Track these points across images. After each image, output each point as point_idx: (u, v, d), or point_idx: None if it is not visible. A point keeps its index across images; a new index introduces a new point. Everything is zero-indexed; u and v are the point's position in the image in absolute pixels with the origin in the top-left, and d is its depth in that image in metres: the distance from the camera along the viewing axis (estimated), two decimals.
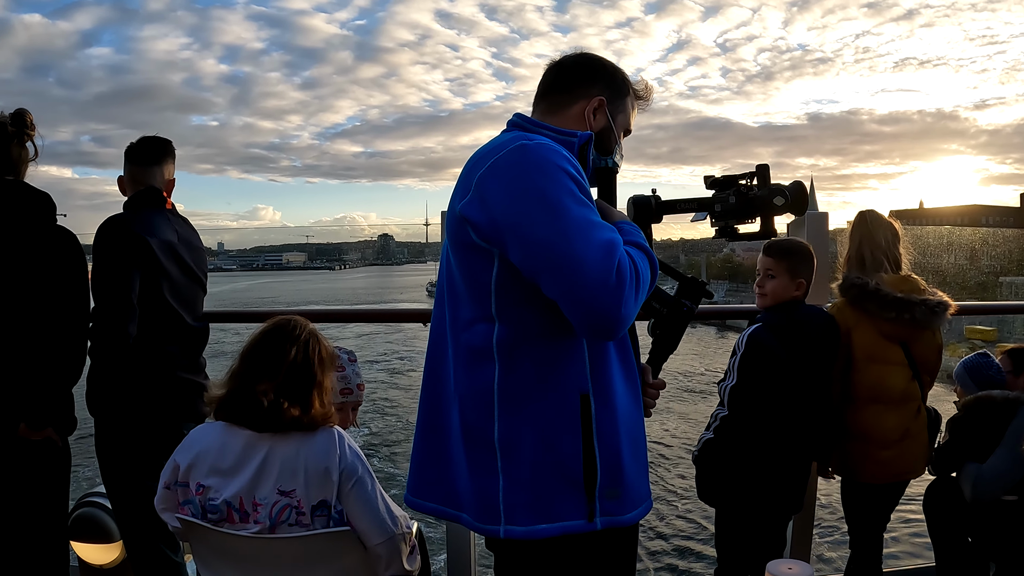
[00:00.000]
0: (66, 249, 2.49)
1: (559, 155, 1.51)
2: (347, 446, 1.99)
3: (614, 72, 1.79)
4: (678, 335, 1.86)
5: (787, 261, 2.66)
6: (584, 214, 1.44)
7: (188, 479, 1.97)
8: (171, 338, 2.65)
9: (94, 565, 3.01)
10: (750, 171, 1.85)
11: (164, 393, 2.60)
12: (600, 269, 1.38)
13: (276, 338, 2.04)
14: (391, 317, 4.33)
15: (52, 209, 2.51)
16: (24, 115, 2.52)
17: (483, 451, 1.58)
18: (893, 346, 2.74)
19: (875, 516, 2.84)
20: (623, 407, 1.62)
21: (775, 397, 2.57)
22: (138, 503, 2.59)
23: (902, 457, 2.73)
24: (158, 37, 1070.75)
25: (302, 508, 1.90)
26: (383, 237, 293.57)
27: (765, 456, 2.59)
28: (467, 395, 1.61)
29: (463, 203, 1.55)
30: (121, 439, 2.59)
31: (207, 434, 2.01)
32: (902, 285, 2.71)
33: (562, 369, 1.56)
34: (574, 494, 1.55)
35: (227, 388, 2.02)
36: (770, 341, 2.58)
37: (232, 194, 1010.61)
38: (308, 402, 1.97)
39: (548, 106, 1.77)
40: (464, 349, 1.62)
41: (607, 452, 1.57)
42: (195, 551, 2.02)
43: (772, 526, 2.73)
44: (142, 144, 2.80)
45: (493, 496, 1.57)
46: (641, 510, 1.66)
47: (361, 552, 1.95)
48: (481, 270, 1.56)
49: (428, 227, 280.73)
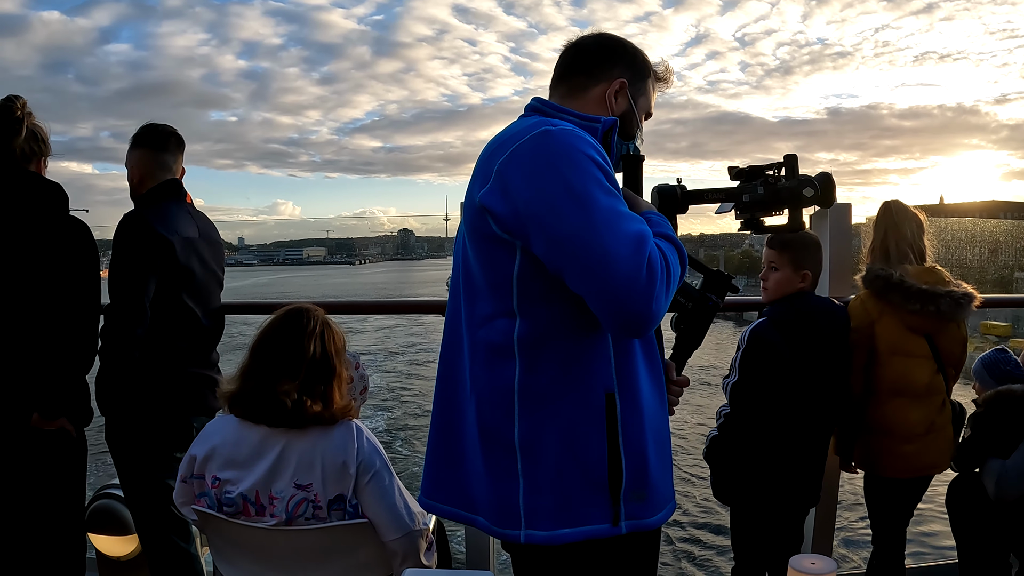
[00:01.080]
0: (77, 239, 2.48)
1: (584, 141, 1.44)
2: (365, 439, 1.98)
3: (635, 53, 1.72)
4: (703, 330, 1.79)
5: (789, 252, 2.62)
6: (612, 204, 1.37)
7: (204, 472, 1.97)
8: (183, 334, 2.65)
9: (111, 557, 3.03)
10: (777, 162, 1.77)
11: (173, 388, 2.60)
12: (630, 264, 1.32)
13: (291, 332, 2.02)
14: (410, 308, 4.28)
15: (64, 200, 2.50)
16: (12, 104, 2.47)
17: (502, 453, 1.52)
18: (917, 339, 2.70)
19: (898, 511, 2.81)
20: (649, 406, 1.55)
21: (778, 393, 2.54)
22: (150, 497, 2.61)
23: (926, 451, 2.69)
24: (176, 33, 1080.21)
25: (319, 502, 1.89)
26: (403, 232, 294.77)
27: (771, 452, 2.55)
28: (485, 395, 1.54)
29: (483, 192, 1.47)
30: (131, 434, 2.60)
31: (222, 427, 2.01)
32: (926, 277, 2.67)
33: (586, 367, 1.50)
34: (598, 497, 1.49)
35: (239, 384, 2.00)
36: (773, 336, 2.54)
37: (251, 189, 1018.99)
38: (329, 397, 1.97)
39: (568, 89, 1.70)
40: (482, 346, 1.54)
41: (633, 453, 1.51)
42: (212, 543, 2.03)
43: (786, 522, 2.70)
44: (154, 129, 2.75)
45: (512, 499, 1.50)
46: (666, 512, 1.60)
47: (378, 545, 1.95)
48: (502, 263, 1.49)
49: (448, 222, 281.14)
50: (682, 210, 1.79)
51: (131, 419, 2.58)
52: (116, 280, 2.50)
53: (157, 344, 2.56)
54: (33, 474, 2.41)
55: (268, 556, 1.94)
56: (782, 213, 1.77)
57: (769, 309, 2.65)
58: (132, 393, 2.55)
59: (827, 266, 2.90)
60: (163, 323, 2.57)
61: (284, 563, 1.94)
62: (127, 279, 2.49)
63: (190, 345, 2.67)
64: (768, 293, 2.68)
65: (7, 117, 2.45)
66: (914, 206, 2.88)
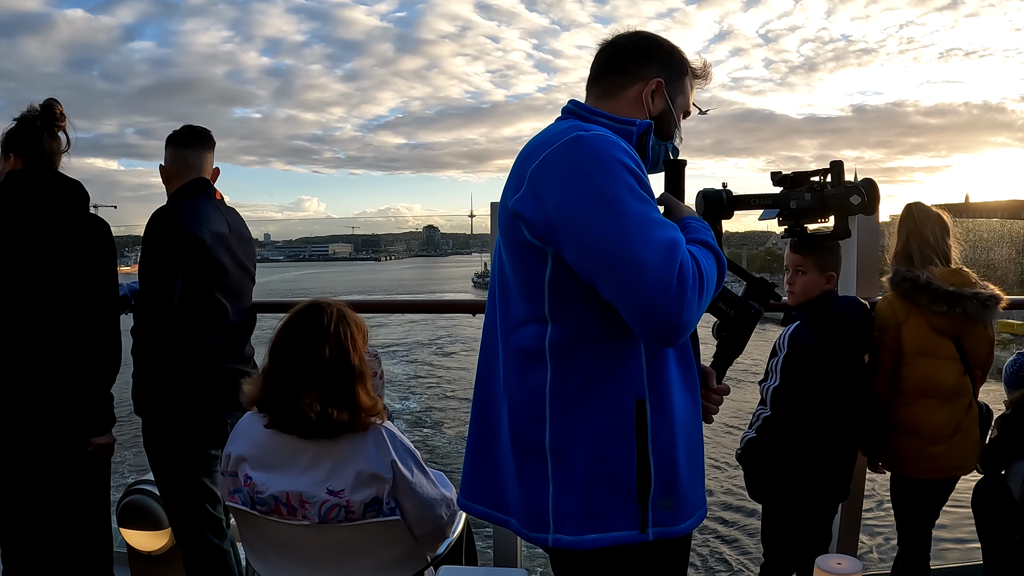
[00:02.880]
0: (98, 237, 2.51)
1: (617, 147, 1.43)
2: (398, 443, 1.97)
3: (671, 51, 1.68)
4: (745, 338, 1.77)
5: (815, 255, 2.64)
6: (644, 211, 1.36)
7: (236, 470, 1.98)
8: (216, 329, 2.67)
9: (143, 551, 3.05)
10: (823, 168, 1.74)
11: (207, 384, 2.62)
12: (661, 271, 1.30)
13: (306, 335, 1.96)
14: (440, 308, 4.29)
15: (84, 198, 2.53)
16: (53, 106, 2.51)
17: (533, 456, 1.53)
18: (944, 340, 2.69)
19: (924, 512, 2.80)
20: (681, 414, 1.54)
21: (818, 396, 2.56)
22: (184, 493, 2.64)
23: (953, 453, 2.68)
24: (200, 31, 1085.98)
25: (351, 507, 1.88)
26: (428, 228, 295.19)
27: (809, 453, 2.57)
28: (517, 399, 1.55)
29: (516, 198, 1.48)
30: (166, 431, 2.62)
31: (253, 427, 1.99)
32: (953, 278, 2.66)
33: (618, 374, 1.49)
34: (626, 503, 1.49)
35: (262, 389, 1.98)
36: (812, 341, 2.57)
37: (276, 186, 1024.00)
38: (355, 401, 1.93)
39: (603, 89, 1.67)
40: (514, 351, 1.55)
41: (662, 461, 1.50)
42: (245, 539, 2.03)
43: (818, 521, 2.72)
44: (188, 129, 2.80)
45: (542, 503, 1.51)
46: (695, 519, 1.58)
47: (409, 541, 1.94)
48: (534, 269, 1.49)
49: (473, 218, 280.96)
50: (728, 215, 1.79)
51: (166, 416, 2.61)
52: (144, 276, 2.53)
53: (190, 340, 2.58)
54: (59, 475, 2.42)
55: (301, 552, 1.94)
56: (827, 220, 1.75)
57: (800, 312, 2.67)
58: (166, 390, 2.57)
59: (855, 267, 2.90)
60: (195, 319, 2.59)
61: (316, 559, 1.94)
62: (155, 276, 2.51)
63: (223, 340, 2.69)
64: (795, 296, 2.70)
65: (48, 119, 2.49)
66: (939, 205, 2.86)
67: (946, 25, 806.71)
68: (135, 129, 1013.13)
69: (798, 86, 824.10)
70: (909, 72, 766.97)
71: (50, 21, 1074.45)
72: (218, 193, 2.80)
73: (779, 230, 1.81)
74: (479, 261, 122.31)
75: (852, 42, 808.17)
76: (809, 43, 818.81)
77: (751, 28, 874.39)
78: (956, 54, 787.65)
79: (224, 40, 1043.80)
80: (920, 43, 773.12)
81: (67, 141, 2.56)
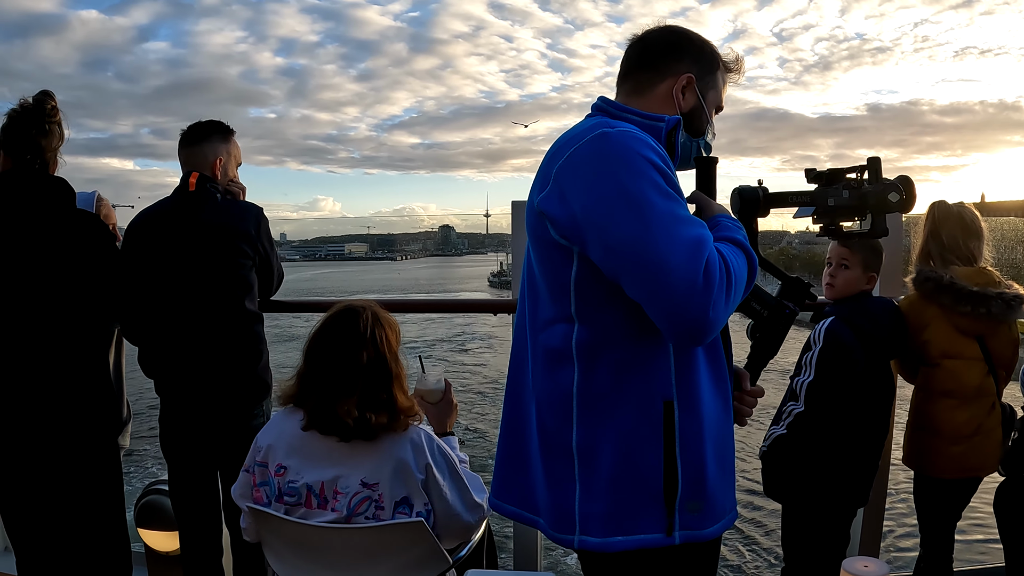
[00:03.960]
0: (84, 233, 2.39)
1: (643, 143, 1.41)
2: (434, 446, 1.97)
3: (702, 45, 1.66)
4: (779, 339, 1.74)
5: (863, 253, 2.62)
6: (670, 208, 1.34)
7: (268, 460, 1.97)
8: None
9: (160, 551, 3.07)
10: (860, 165, 1.72)
11: (234, 385, 2.60)
12: (687, 269, 1.28)
13: (342, 341, 1.96)
14: (466, 307, 4.29)
15: (69, 194, 2.41)
16: (43, 101, 2.38)
17: (560, 457, 1.52)
18: (968, 340, 2.68)
19: (945, 512, 2.79)
20: (710, 415, 1.51)
21: (852, 392, 2.54)
22: (189, 489, 2.67)
23: (973, 453, 2.67)
24: (214, 31, 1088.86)
25: (382, 502, 1.88)
26: (444, 228, 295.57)
27: (841, 451, 2.56)
28: (545, 398, 1.54)
29: (541, 196, 1.47)
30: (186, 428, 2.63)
31: (289, 422, 1.99)
32: (977, 278, 2.65)
33: (645, 374, 1.47)
34: (653, 507, 1.47)
35: (297, 388, 1.98)
36: (847, 336, 2.54)
37: (291, 185, 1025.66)
38: (393, 403, 1.93)
39: (633, 86, 1.65)
40: (542, 350, 1.55)
41: (690, 464, 1.47)
42: (264, 541, 2.01)
43: (840, 522, 2.70)
44: (189, 127, 2.77)
45: (569, 504, 1.51)
46: (724, 523, 1.55)
47: (431, 543, 1.91)
48: (560, 268, 1.48)
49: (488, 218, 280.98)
50: (763, 213, 1.75)
51: (187, 414, 2.63)
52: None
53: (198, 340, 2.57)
54: (71, 478, 2.37)
55: (319, 554, 1.92)
56: (864, 218, 1.72)
57: (834, 308, 2.65)
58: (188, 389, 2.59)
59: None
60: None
61: (336, 560, 1.92)
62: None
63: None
64: (834, 291, 2.68)
65: (39, 113, 2.37)
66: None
67: (961, 23, 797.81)
68: (150, 129, 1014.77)
69: (813, 85, 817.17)
70: (924, 71, 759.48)
71: (64, 22, 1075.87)
72: (192, 184, 2.64)
73: (814, 228, 1.78)
74: (495, 260, 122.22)
75: (866, 41, 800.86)
76: (823, 42, 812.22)
77: (765, 27, 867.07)
78: (971, 52, 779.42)
79: (238, 40, 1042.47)
80: (935, 41, 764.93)
81: (60, 135, 2.43)
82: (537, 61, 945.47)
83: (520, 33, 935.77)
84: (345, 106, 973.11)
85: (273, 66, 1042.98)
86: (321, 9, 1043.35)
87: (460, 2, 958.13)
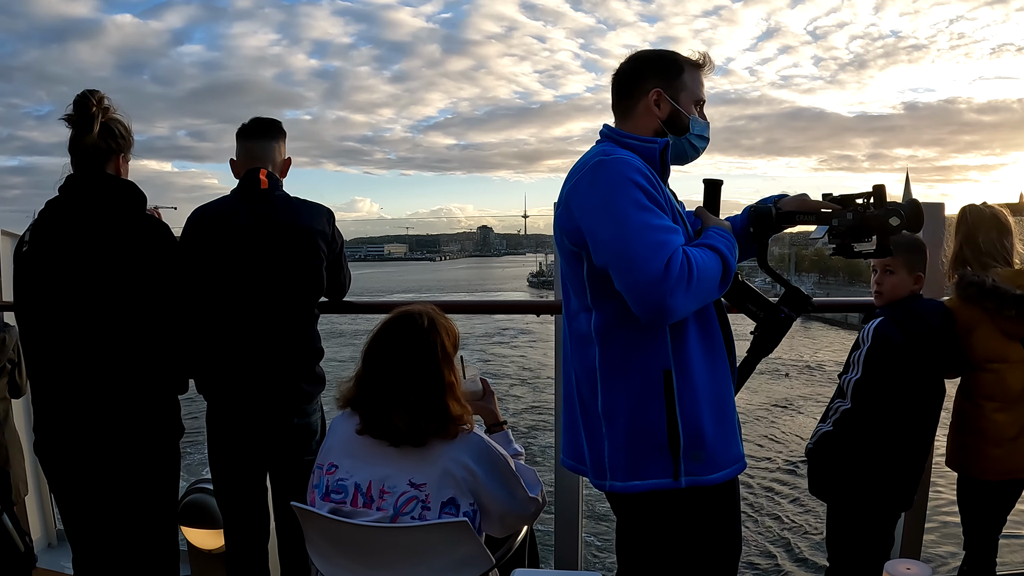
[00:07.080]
0: (155, 238, 2.39)
1: (631, 168, 1.77)
2: (485, 450, 1.99)
3: (660, 58, 1.98)
4: (774, 340, 2.04)
5: (905, 256, 2.62)
6: (643, 219, 1.71)
7: (323, 461, 2.02)
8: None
9: (203, 549, 3.10)
10: (868, 191, 1.98)
11: (277, 386, 2.59)
12: (650, 265, 1.65)
13: (397, 350, 2.00)
14: (513, 308, 4.27)
15: (140, 199, 2.40)
16: (84, 100, 2.31)
17: (593, 419, 1.91)
18: (1013, 344, 2.65)
19: (989, 514, 2.77)
20: (703, 380, 1.86)
21: (899, 391, 2.54)
22: (238, 489, 2.69)
23: (1016, 454, 2.64)
24: (248, 34, 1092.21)
25: (428, 503, 1.90)
26: (482, 229, 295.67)
27: (886, 452, 2.56)
28: (580, 374, 1.94)
29: (558, 213, 1.92)
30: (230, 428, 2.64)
31: (345, 425, 2.03)
32: (1019, 280, 2.63)
33: (647, 349, 1.83)
34: (662, 456, 1.83)
35: (355, 391, 2.02)
36: (896, 336, 2.55)
37: (329, 186, 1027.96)
38: (445, 412, 1.95)
39: (620, 114, 2.01)
40: (575, 335, 1.96)
41: (688, 420, 1.82)
42: (308, 539, 2.03)
43: (884, 524, 2.70)
44: (252, 121, 2.76)
45: (601, 457, 1.89)
46: (728, 472, 1.89)
47: (475, 543, 1.92)
48: (577, 268, 1.90)
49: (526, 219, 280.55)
50: (776, 230, 2.05)
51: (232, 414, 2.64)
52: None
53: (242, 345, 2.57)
54: (131, 475, 2.37)
55: (364, 553, 1.94)
56: (871, 240, 1.94)
57: (884, 309, 2.66)
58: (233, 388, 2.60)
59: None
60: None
61: (381, 560, 1.93)
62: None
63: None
64: (883, 297, 2.69)
65: (82, 114, 2.32)
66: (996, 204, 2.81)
67: (997, 20, 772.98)
68: (187, 131, 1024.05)
69: (848, 84, 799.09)
70: (961, 68, 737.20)
71: (100, 27, 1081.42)
72: (264, 181, 2.63)
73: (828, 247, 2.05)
74: (533, 261, 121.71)
75: (902, 38, 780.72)
76: (858, 40, 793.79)
77: (799, 25, 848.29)
78: (1008, 49, 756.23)
79: (272, 43, 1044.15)
80: (971, 38, 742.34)
81: (118, 133, 2.39)
82: (571, 61, 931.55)
83: (553, 33, 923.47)
84: (380, 107, 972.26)
85: (307, 68, 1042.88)
86: (353, 11, 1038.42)
87: (492, 3, 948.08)
